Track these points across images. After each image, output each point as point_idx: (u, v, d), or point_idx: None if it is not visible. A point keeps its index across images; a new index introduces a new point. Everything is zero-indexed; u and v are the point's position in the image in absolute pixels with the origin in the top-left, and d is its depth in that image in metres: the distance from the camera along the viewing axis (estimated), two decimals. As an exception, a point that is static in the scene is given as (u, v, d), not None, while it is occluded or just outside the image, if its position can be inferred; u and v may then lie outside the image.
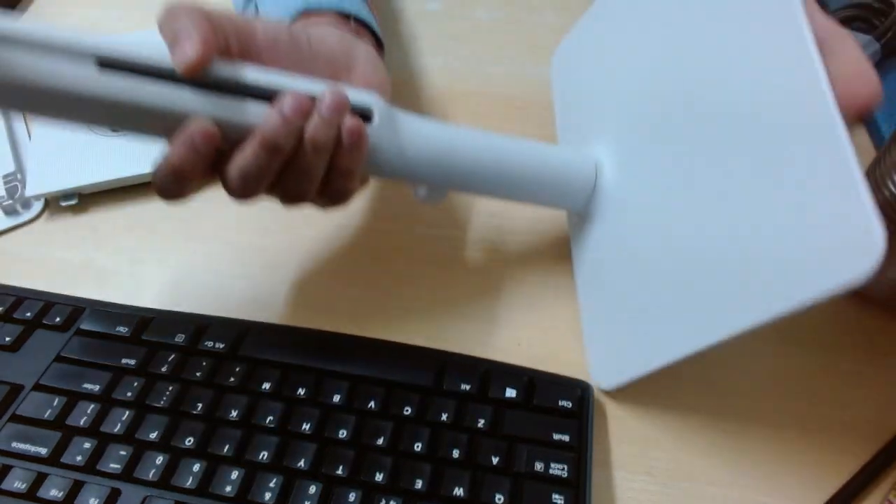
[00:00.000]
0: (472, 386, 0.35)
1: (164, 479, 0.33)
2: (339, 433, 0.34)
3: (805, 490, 0.34)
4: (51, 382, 0.36)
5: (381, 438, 0.34)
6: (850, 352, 0.39)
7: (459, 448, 0.33)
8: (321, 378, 0.36)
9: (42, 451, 0.34)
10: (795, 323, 0.38)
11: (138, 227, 0.46)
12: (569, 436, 0.34)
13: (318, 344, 0.38)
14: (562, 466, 0.33)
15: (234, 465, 0.33)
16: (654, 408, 0.37)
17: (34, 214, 0.46)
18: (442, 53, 0.56)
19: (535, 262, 0.43)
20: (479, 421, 0.34)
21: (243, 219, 0.46)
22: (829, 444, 0.35)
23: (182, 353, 0.37)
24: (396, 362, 0.36)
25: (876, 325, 0.40)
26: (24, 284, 0.41)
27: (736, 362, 0.38)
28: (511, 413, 0.35)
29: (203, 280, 0.43)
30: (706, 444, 0.36)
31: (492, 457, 0.33)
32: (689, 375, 0.38)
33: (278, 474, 0.33)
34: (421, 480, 0.32)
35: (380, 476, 0.32)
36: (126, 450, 0.33)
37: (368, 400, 0.35)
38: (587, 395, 0.35)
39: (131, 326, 0.38)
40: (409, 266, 0.43)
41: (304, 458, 0.33)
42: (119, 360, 0.37)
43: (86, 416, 0.35)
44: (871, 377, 0.38)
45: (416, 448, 0.33)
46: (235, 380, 0.36)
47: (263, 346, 0.37)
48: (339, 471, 0.33)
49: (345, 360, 0.37)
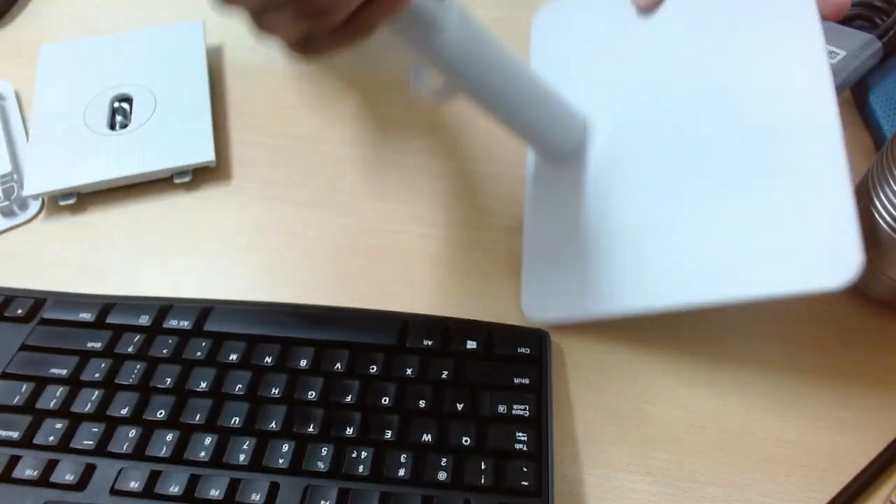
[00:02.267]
0: (433, 342, 0.37)
1: (138, 451, 0.33)
2: (308, 395, 0.35)
3: (805, 490, 0.34)
4: (17, 370, 0.36)
5: (349, 396, 0.35)
6: (850, 352, 0.39)
7: (425, 399, 0.35)
8: (287, 346, 0.37)
9: (14, 435, 0.34)
10: (796, 323, 0.40)
11: (136, 227, 0.46)
12: (528, 379, 0.35)
13: (282, 316, 0.38)
14: (523, 407, 0.34)
15: (208, 432, 0.34)
16: (650, 407, 0.37)
17: (31, 215, 0.46)
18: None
19: None
20: (443, 373, 0.36)
21: (243, 219, 0.46)
22: (829, 444, 0.35)
23: (148, 333, 0.37)
24: (360, 326, 0.38)
25: (876, 325, 0.39)
26: (21, 284, 0.41)
27: (736, 362, 0.38)
28: (473, 363, 0.36)
29: (202, 280, 0.43)
30: (706, 444, 0.36)
31: (457, 404, 0.34)
32: (689, 375, 0.38)
33: (251, 437, 0.34)
34: (390, 431, 0.34)
35: (350, 430, 0.34)
36: (98, 427, 0.34)
37: (334, 362, 0.36)
38: (544, 341, 0.37)
39: (94, 312, 0.38)
40: (409, 266, 0.43)
41: (275, 420, 0.34)
42: (85, 344, 0.37)
43: (55, 399, 0.35)
44: (871, 377, 0.38)
45: (384, 402, 0.35)
46: (202, 354, 0.36)
47: (228, 321, 0.38)
48: (311, 429, 0.34)
49: (309, 328, 0.38)
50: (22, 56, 0.55)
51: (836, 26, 0.49)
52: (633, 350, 0.39)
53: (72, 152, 0.47)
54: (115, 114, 0.50)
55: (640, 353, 0.39)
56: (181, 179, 0.47)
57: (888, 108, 0.47)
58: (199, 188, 0.47)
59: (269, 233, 0.45)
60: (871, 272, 0.38)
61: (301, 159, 0.49)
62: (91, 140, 0.48)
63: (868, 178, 0.38)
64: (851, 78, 0.48)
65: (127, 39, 0.54)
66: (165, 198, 0.47)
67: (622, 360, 0.38)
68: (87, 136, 0.48)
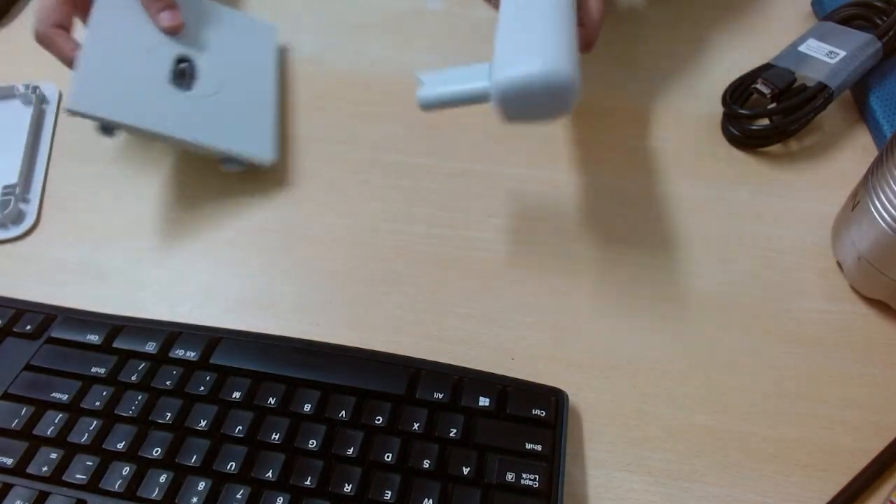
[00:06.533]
0: (444, 395, 0.35)
1: (130, 490, 0.32)
2: (309, 444, 0.33)
3: (805, 490, 0.34)
4: (19, 392, 0.36)
5: (351, 448, 0.33)
6: (850, 352, 0.39)
7: (430, 458, 0.33)
8: (292, 387, 0.35)
9: (7, 462, 0.33)
10: (796, 323, 0.39)
11: (136, 227, 0.45)
12: (541, 445, 0.33)
13: (291, 352, 0.37)
14: (533, 477, 0.32)
15: (202, 476, 0.33)
16: (650, 407, 0.37)
17: (22, 231, 0.45)
18: (442, 53, 0.55)
19: (533, 263, 0.43)
20: (451, 431, 0.34)
21: (243, 218, 0.45)
22: (829, 444, 0.35)
23: (153, 361, 0.36)
24: (369, 370, 0.36)
25: (876, 326, 0.40)
26: (21, 285, 0.41)
27: (736, 362, 0.38)
28: (483, 422, 0.34)
29: (202, 280, 0.43)
30: (706, 444, 0.35)
31: (462, 467, 0.33)
32: (688, 375, 0.38)
33: (246, 485, 0.32)
34: (390, 491, 0.32)
35: (348, 487, 0.32)
36: (92, 460, 0.33)
37: (339, 409, 0.34)
38: (561, 404, 0.35)
39: (102, 334, 0.37)
40: (409, 266, 0.43)
41: (272, 469, 0.33)
42: (89, 368, 0.36)
43: (53, 427, 0.34)
44: (871, 377, 0.38)
45: (386, 458, 0.33)
46: (205, 389, 0.35)
47: (235, 354, 0.37)
48: (308, 482, 0.32)
49: (317, 369, 0.36)
50: (22, 56, 0.55)
51: (836, 26, 0.50)
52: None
53: (128, 86, 0.42)
54: (177, 73, 0.45)
55: (641, 354, 0.39)
56: (231, 168, 0.45)
57: (888, 108, 0.47)
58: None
59: (270, 233, 0.45)
60: (871, 272, 0.38)
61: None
62: (152, 85, 0.43)
63: (868, 178, 0.38)
64: (851, 78, 0.47)
65: (200, 5, 0.49)
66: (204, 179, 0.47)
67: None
68: (147, 77, 0.43)
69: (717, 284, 0.41)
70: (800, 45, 0.49)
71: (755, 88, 0.48)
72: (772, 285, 0.41)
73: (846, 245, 0.40)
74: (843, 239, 0.40)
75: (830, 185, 0.45)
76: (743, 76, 0.49)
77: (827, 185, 0.45)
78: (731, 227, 0.44)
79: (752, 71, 0.49)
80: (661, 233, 0.44)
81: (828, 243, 0.42)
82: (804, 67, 0.47)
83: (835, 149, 0.48)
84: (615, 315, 0.40)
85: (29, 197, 0.47)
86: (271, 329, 0.39)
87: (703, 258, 0.42)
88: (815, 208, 0.44)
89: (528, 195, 0.46)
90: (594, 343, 0.39)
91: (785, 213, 0.44)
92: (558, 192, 0.46)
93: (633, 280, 0.42)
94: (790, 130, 0.47)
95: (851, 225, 0.39)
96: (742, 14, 0.57)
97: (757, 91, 0.48)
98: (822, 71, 0.46)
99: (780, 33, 0.53)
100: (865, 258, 0.38)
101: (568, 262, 0.43)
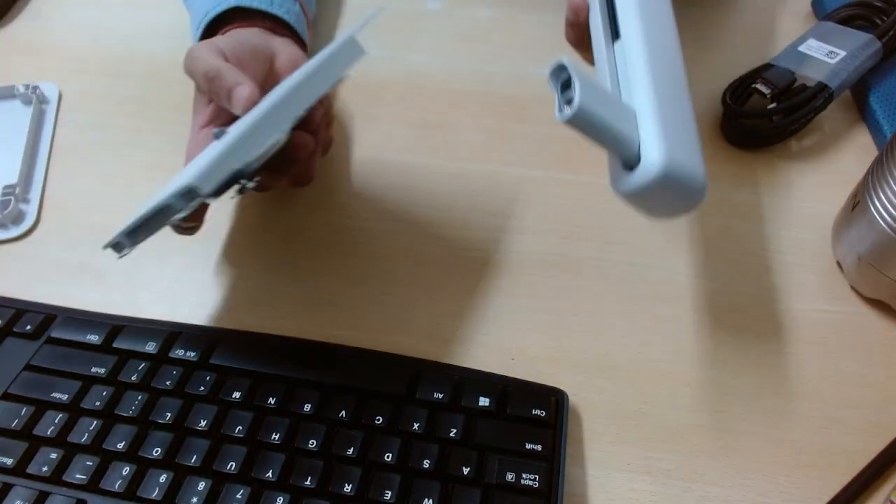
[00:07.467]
0: (444, 395, 0.35)
1: (129, 491, 0.32)
2: (309, 444, 0.33)
3: (805, 490, 0.34)
4: (19, 391, 0.36)
5: (351, 448, 0.33)
6: (850, 352, 0.39)
7: (430, 458, 0.33)
8: (292, 387, 0.35)
9: (7, 462, 0.33)
10: (796, 323, 0.39)
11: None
12: (541, 445, 0.33)
13: (290, 352, 0.37)
14: (533, 477, 0.32)
15: (202, 476, 0.33)
16: (650, 407, 0.37)
17: (22, 231, 0.45)
18: (442, 53, 0.55)
19: (533, 263, 0.43)
20: (451, 431, 0.34)
21: (243, 219, 0.45)
22: (829, 444, 0.35)
23: (152, 361, 0.36)
24: (370, 370, 0.36)
25: (876, 326, 0.40)
26: (20, 285, 0.41)
27: (736, 362, 0.38)
28: (483, 422, 0.34)
29: (202, 280, 0.42)
30: (706, 444, 0.35)
31: (462, 467, 0.33)
32: (689, 375, 0.38)
33: (246, 485, 0.32)
34: (390, 492, 0.32)
35: (348, 487, 0.32)
36: (92, 460, 0.33)
37: (339, 409, 0.34)
38: (561, 404, 0.35)
39: (102, 335, 0.37)
40: (408, 266, 0.43)
41: (272, 469, 0.33)
42: (89, 368, 0.36)
43: (53, 427, 0.34)
44: (871, 377, 0.38)
45: (387, 458, 0.33)
46: (205, 389, 0.35)
47: (235, 354, 0.37)
48: (308, 482, 0.32)
49: (317, 369, 0.36)
50: (22, 56, 0.55)
51: (836, 26, 0.50)
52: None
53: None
54: None
55: (641, 354, 0.39)
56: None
57: (888, 108, 0.47)
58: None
59: (271, 233, 0.45)
60: (871, 272, 0.38)
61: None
62: None
63: (868, 177, 0.38)
64: (851, 78, 0.47)
65: None
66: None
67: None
68: None
69: (717, 284, 0.41)
70: (800, 45, 0.49)
71: (755, 88, 0.48)
72: (772, 285, 0.41)
73: (846, 245, 0.40)
74: (843, 239, 0.40)
75: (830, 185, 0.45)
76: (743, 76, 0.49)
77: (827, 185, 0.46)
78: (731, 227, 0.44)
79: (752, 71, 0.49)
80: (661, 233, 0.44)
81: (828, 243, 0.42)
82: (804, 67, 0.47)
83: (835, 149, 0.48)
84: (615, 315, 0.40)
85: (29, 197, 0.47)
86: (271, 329, 0.39)
87: (703, 258, 0.42)
88: (815, 208, 0.44)
89: (529, 195, 0.46)
90: (594, 343, 0.39)
91: (785, 213, 0.45)
92: (558, 193, 0.46)
93: (632, 280, 0.42)
94: (790, 130, 0.47)
95: (851, 225, 0.39)
96: (742, 14, 0.57)
97: (757, 91, 0.48)
98: (822, 71, 0.46)
99: (780, 33, 0.53)
100: (865, 258, 0.38)
101: (568, 262, 0.43)
